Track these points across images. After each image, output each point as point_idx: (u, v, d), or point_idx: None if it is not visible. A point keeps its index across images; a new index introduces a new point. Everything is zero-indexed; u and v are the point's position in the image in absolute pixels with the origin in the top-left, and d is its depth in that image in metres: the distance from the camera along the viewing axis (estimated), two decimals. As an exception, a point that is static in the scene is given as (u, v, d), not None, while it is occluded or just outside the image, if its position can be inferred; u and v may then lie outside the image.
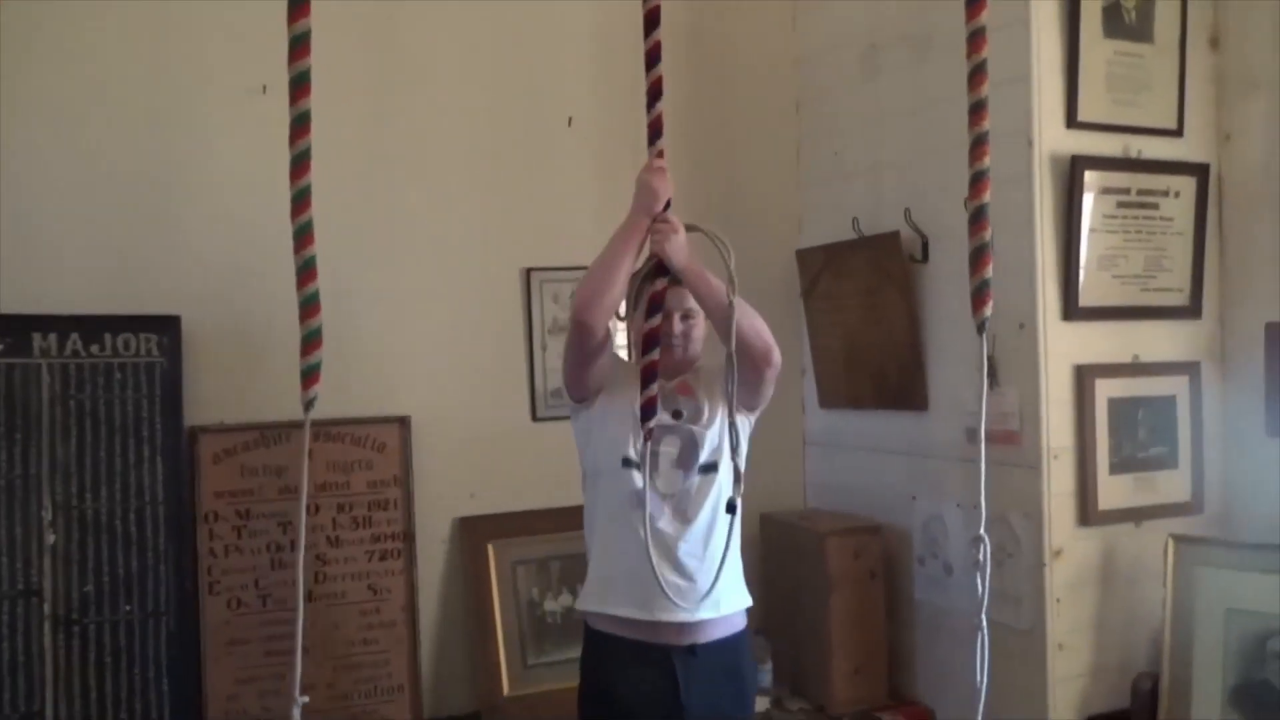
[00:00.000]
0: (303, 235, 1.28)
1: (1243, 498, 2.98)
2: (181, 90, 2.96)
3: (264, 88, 2.96)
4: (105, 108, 2.88)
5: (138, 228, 2.91)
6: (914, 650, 3.28)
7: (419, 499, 3.16)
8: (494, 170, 3.33)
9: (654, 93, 1.90)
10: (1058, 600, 2.79)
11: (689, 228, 2.25)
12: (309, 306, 1.28)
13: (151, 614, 2.81)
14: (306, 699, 1.27)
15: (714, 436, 2.37)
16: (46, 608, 2.70)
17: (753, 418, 2.46)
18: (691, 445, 2.36)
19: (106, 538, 2.77)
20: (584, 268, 3.38)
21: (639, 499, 2.15)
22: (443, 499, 3.24)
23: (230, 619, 2.93)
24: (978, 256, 1.77)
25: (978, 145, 1.75)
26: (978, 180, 1.75)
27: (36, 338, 2.74)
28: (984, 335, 1.81)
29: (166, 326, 2.86)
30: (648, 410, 2.04)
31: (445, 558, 3.26)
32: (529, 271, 3.37)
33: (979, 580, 1.81)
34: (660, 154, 1.98)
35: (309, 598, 3.02)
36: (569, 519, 3.29)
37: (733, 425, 2.16)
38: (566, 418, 3.33)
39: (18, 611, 2.67)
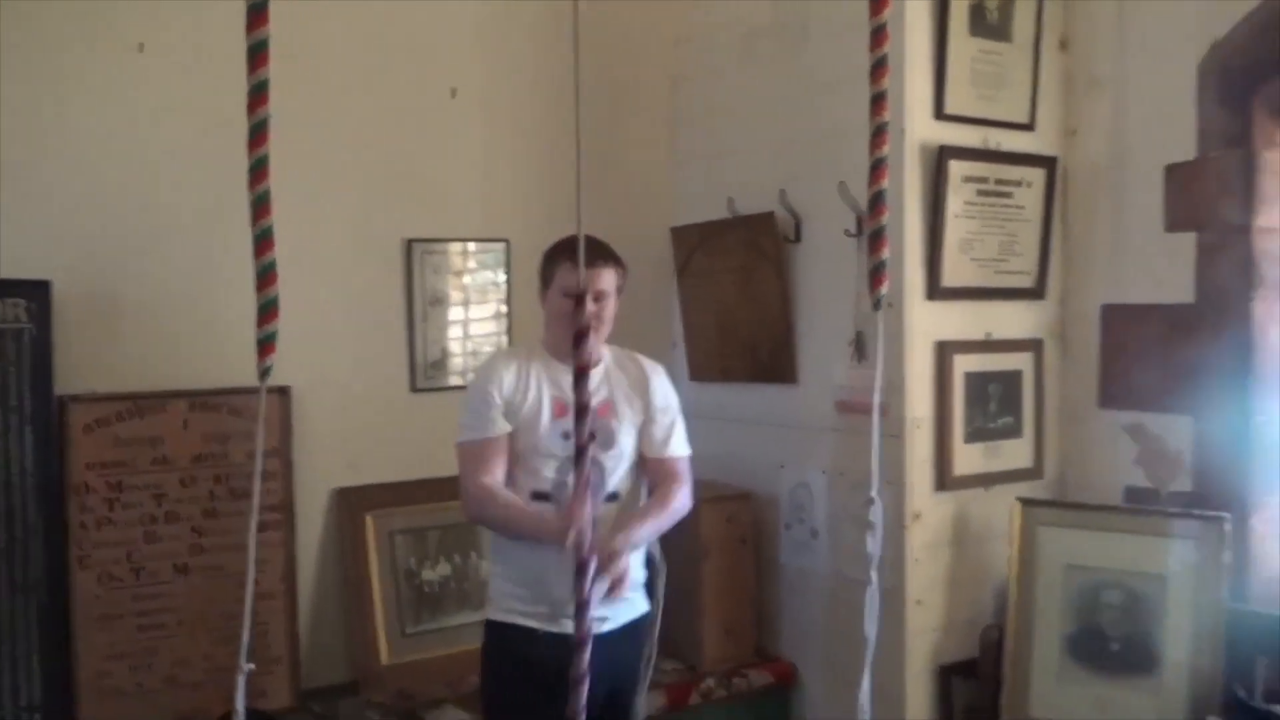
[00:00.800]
0: (260, 205, 1.27)
1: (1078, 463, 3.26)
2: (54, 46, 2.81)
3: (140, 46, 2.86)
4: (-32, 62, 2.73)
5: (4, 189, 2.75)
6: (779, 610, 3.45)
7: (298, 470, 3.14)
8: (375, 141, 3.29)
9: None
10: (916, 560, 2.99)
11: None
12: (266, 275, 1.28)
13: (20, 589, 2.70)
14: (253, 666, 1.28)
15: (621, 468, 2.51)
16: (-93, 584, 2.58)
17: None
18: (599, 476, 2.47)
19: (-28, 511, 2.66)
20: (467, 240, 3.44)
21: None
22: (322, 470, 3.21)
23: (101, 594, 2.84)
24: (876, 238, 1.87)
25: (878, 134, 1.83)
26: (877, 167, 1.85)
27: (-106, 301, 2.60)
28: (879, 311, 1.92)
29: (35, 292, 2.74)
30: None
31: (324, 528, 3.24)
32: (410, 242, 3.36)
33: (869, 539, 1.93)
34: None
35: (184, 571, 2.97)
36: (448, 489, 3.30)
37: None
38: (446, 388, 3.39)
39: (-125, 588, 2.54)
